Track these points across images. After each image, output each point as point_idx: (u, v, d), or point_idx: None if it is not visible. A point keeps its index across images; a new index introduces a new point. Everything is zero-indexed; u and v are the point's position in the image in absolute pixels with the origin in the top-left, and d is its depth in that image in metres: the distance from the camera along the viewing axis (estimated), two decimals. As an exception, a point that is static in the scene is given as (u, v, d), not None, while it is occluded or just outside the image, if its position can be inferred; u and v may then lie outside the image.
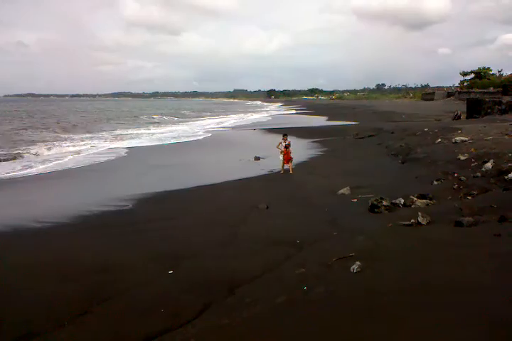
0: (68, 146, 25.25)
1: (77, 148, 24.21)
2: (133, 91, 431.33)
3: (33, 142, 27.26)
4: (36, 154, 21.70)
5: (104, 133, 35.45)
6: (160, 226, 8.82)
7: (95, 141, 28.26)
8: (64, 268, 6.48)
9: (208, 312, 4.89)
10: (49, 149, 23.51)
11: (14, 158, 20.08)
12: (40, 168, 17.50)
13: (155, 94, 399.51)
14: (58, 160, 19.80)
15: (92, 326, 4.77)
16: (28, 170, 16.94)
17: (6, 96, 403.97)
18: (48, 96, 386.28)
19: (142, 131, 37.93)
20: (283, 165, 15.04)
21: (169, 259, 6.70)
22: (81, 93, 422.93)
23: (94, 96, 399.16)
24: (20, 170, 17.11)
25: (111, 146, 25.31)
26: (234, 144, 26.11)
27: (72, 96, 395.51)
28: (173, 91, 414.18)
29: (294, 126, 36.43)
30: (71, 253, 7.20)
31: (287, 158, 15.00)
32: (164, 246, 7.42)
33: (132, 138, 31.08)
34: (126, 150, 23.37)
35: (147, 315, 4.91)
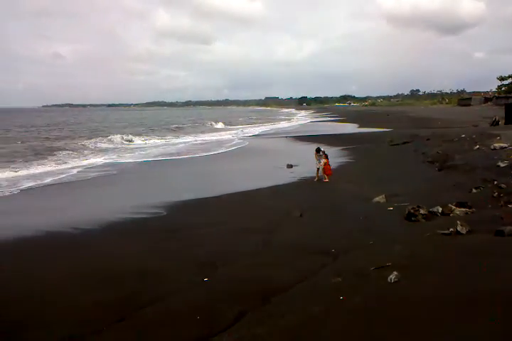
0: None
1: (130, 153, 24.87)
2: (166, 100, 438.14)
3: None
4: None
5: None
6: (195, 233, 8.88)
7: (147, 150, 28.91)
8: (101, 275, 6.60)
9: (243, 321, 4.88)
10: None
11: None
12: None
13: (188, 103, 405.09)
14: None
15: (128, 333, 4.84)
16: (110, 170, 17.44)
17: (44, 106, 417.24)
18: (84, 106, 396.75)
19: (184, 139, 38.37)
20: (318, 172, 14.96)
21: (204, 267, 6.75)
22: (116, 102, 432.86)
23: (129, 105, 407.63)
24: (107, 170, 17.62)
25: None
26: (266, 152, 26.15)
27: (109, 105, 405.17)
28: (205, 99, 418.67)
29: (325, 133, 36.22)
30: (108, 260, 7.34)
31: (328, 173, 14.95)
32: (199, 254, 7.47)
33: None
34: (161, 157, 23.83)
35: (183, 323, 4.94)
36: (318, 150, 15.50)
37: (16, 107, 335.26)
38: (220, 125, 63.02)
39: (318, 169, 15.05)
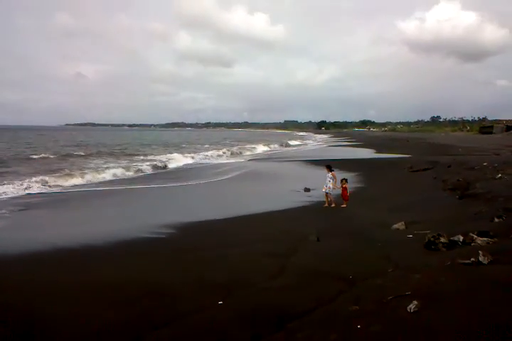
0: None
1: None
2: (186, 121, 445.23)
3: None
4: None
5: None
6: (209, 255, 8.83)
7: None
8: (116, 293, 6.59)
9: (257, 347, 4.80)
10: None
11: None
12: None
13: (207, 125, 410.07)
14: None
15: (143, 353, 4.78)
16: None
17: (67, 124, 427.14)
18: (106, 125, 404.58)
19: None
20: (327, 198, 14.81)
21: (219, 289, 6.68)
22: (137, 123, 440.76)
23: (149, 126, 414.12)
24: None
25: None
26: (283, 175, 26.10)
27: (130, 126, 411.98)
28: (225, 121, 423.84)
29: (342, 158, 36.09)
30: (122, 279, 7.32)
31: (346, 196, 14.84)
32: (214, 275, 7.40)
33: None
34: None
35: (196, 346, 4.88)
36: (329, 168, 15.34)
37: (41, 125, 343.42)
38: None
39: (326, 194, 14.87)
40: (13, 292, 6.77)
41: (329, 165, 15.60)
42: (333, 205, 14.64)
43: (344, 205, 14.58)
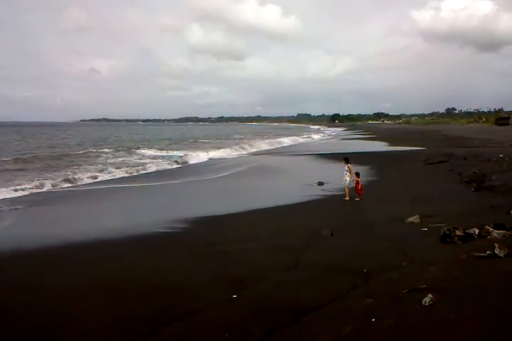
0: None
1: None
2: (199, 116, 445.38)
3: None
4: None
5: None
6: (223, 249, 8.89)
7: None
8: (131, 288, 6.68)
9: (272, 340, 4.83)
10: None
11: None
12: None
13: (220, 119, 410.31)
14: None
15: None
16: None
17: (82, 120, 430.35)
18: (120, 121, 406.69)
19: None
20: (348, 192, 14.76)
21: (233, 283, 6.73)
22: (151, 118, 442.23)
23: (162, 121, 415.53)
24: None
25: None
26: (296, 169, 26.05)
27: (143, 121, 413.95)
28: (238, 115, 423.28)
29: (356, 151, 35.83)
30: (137, 274, 7.42)
31: (359, 192, 14.78)
32: (228, 270, 7.46)
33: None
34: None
35: (212, 339, 4.93)
36: (347, 160, 15.31)
37: (57, 122, 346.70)
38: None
39: (347, 187, 14.83)
40: (27, 288, 6.90)
41: (347, 157, 15.58)
42: (346, 198, 14.61)
43: (358, 198, 14.53)
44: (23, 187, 17.84)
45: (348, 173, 14.88)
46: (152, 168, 26.76)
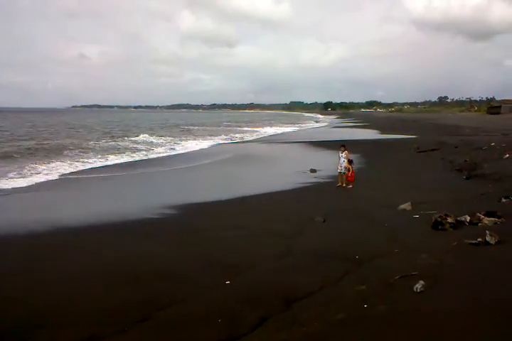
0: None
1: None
2: (191, 103, 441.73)
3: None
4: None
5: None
6: (216, 235, 8.87)
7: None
8: (123, 275, 6.63)
9: (265, 326, 4.85)
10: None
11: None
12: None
13: (213, 106, 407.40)
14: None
15: (151, 333, 4.84)
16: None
17: (74, 106, 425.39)
18: (111, 107, 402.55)
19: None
20: (340, 179, 14.81)
21: (225, 269, 6.73)
22: (142, 104, 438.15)
23: (155, 107, 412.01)
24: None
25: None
26: (288, 157, 26.09)
27: (135, 107, 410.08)
28: (230, 103, 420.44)
29: (348, 139, 35.82)
30: (130, 260, 7.37)
31: (351, 179, 14.79)
32: (220, 256, 7.45)
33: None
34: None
35: (205, 325, 4.93)
36: (344, 147, 15.31)
37: (49, 107, 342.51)
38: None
39: (340, 174, 14.88)
40: (16, 276, 6.85)
41: (343, 144, 15.63)
42: (339, 184, 14.68)
43: (350, 186, 14.56)
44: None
45: (345, 160, 14.92)
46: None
